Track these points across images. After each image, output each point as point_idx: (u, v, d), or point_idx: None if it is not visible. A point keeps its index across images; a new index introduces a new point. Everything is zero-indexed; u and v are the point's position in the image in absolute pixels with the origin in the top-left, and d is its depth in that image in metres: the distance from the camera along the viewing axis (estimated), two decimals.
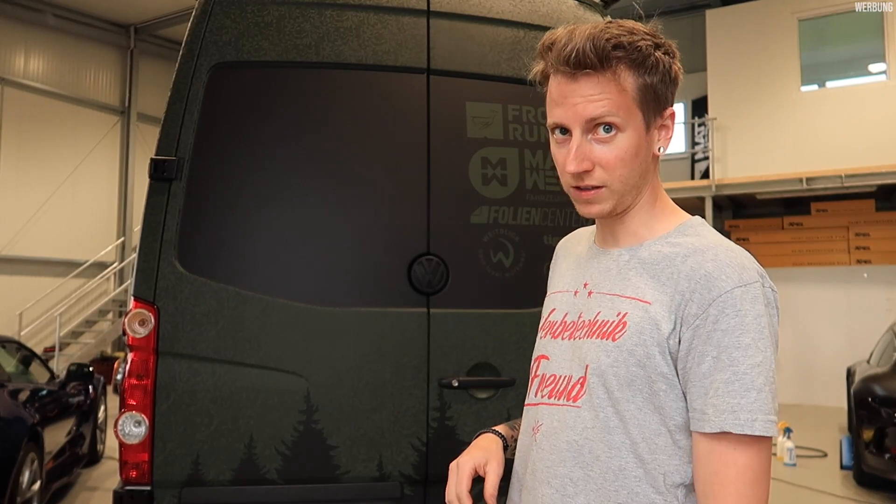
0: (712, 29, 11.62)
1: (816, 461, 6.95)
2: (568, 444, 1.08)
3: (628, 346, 1.04)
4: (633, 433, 1.03)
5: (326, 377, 2.22)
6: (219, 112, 2.26)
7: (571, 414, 1.08)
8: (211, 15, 2.29)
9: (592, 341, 1.08)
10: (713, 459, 0.97)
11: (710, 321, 0.99)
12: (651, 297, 1.05)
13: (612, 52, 1.01)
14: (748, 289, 0.99)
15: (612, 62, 1.01)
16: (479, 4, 2.49)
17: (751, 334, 0.97)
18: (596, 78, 1.02)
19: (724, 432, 0.96)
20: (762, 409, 0.96)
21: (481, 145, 2.39)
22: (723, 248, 1.04)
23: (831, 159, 10.22)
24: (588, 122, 1.03)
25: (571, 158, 1.03)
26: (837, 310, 10.77)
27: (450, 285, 2.32)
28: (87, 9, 13.75)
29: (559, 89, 1.05)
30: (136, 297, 2.16)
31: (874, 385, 5.89)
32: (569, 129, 1.04)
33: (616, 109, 1.02)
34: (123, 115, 14.84)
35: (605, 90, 1.02)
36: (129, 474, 2.13)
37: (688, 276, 1.02)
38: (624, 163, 1.04)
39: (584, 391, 1.08)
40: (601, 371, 1.06)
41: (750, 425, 0.95)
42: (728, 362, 0.97)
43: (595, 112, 1.02)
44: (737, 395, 0.96)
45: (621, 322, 1.05)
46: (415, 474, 2.26)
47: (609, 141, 1.03)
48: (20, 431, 4.41)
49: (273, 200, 2.26)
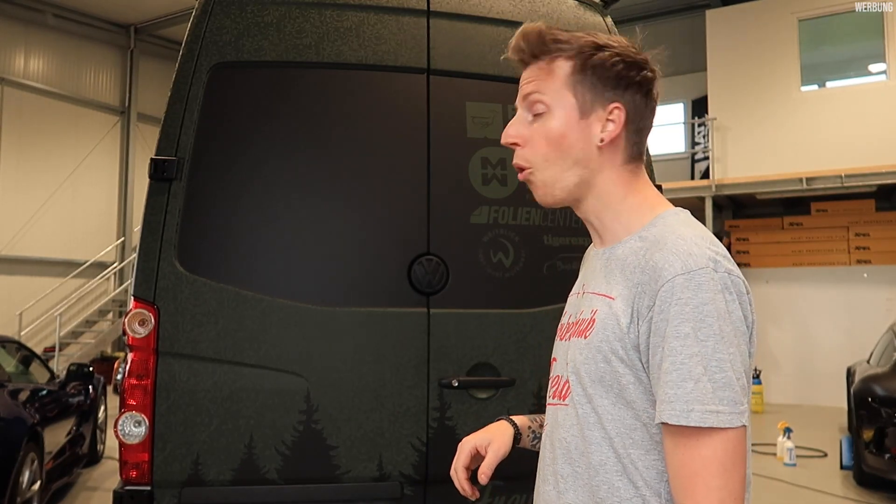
0: (712, 29, 11.62)
1: (816, 461, 6.95)
2: (559, 442, 1.12)
3: (595, 342, 1.06)
4: (608, 428, 1.05)
5: (326, 377, 2.22)
6: (219, 112, 2.26)
7: (562, 412, 1.13)
8: (211, 15, 2.29)
9: (573, 340, 1.12)
10: (678, 452, 0.97)
11: (657, 311, 0.98)
12: (616, 292, 1.06)
13: (548, 46, 1.11)
14: (691, 276, 0.97)
15: (549, 53, 1.11)
16: (479, 4, 2.49)
17: (690, 323, 0.95)
18: (534, 64, 1.13)
19: (678, 425, 0.95)
20: (699, 399, 0.94)
21: (481, 145, 2.39)
22: (674, 237, 1.03)
23: (831, 159, 10.22)
24: (523, 100, 1.13)
25: (504, 130, 1.14)
26: (837, 310, 10.77)
27: (450, 285, 2.32)
28: (87, 9, 13.75)
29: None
30: (136, 297, 2.16)
31: (874, 385, 5.89)
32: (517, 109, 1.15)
33: (543, 89, 1.10)
34: (123, 115, 14.84)
35: (538, 75, 1.12)
36: (129, 474, 2.13)
37: (642, 269, 1.03)
38: (548, 142, 1.10)
39: (570, 390, 1.11)
40: (576, 369, 1.09)
41: (685, 416, 0.94)
42: (668, 352, 0.96)
43: (526, 90, 1.12)
44: (673, 386, 0.95)
45: (592, 319, 1.08)
46: (415, 474, 2.26)
47: (537, 119, 1.12)
48: (20, 431, 4.41)
49: (273, 200, 2.26)
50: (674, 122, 13.14)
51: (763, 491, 5.92)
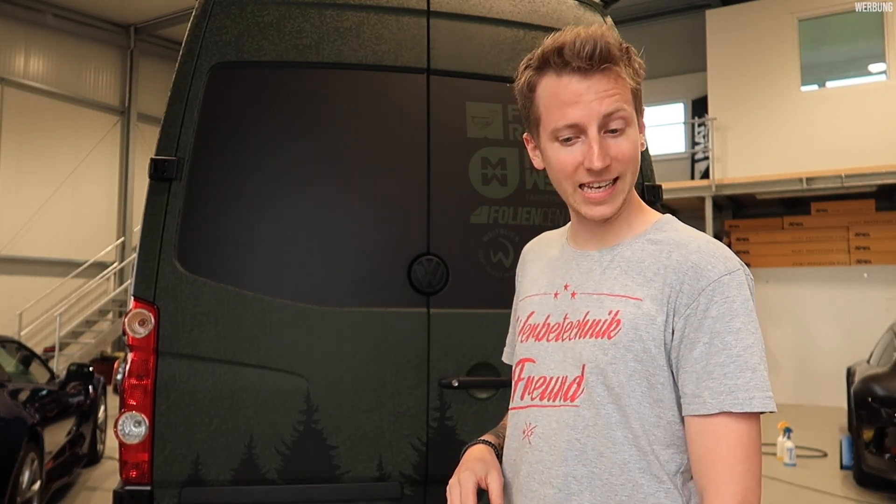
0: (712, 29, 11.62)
1: (816, 461, 6.95)
2: (569, 444, 1.10)
3: (625, 342, 1.06)
4: (634, 427, 1.06)
5: (326, 377, 2.22)
6: (219, 112, 2.26)
7: (570, 413, 1.10)
8: (211, 15, 2.29)
9: (587, 341, 1.10)
10: (705, 438, 1.01)
11: (701, 309, 1.03)
12: (641, 293, 1.08)
13: (616, 52, 1.06)
14: (734, 276, 1.04)
15: (618, 61, 1.06)
16: (479, 4, 2.49)
17: (740, 318, 1.02)
18: (608, 74, 1.05)
19: (721, 412, 1.00)
20: (758, 386, 1.00)
21: (481, 145, 2.39)
22: (704, 241, 1.09)
23: (831, 159, 10.22)
24: (605, 118, 1.05)
25: (598, 155, 1.04)
26: (837, 310, 10.77)
27: (450, 285, 2.32)
28: (87, 9, 13.74)
29: (570, 90, 1.05)
30: (136, 297, 2.16)
31: (874, 385, 5.88)
32: (584, 128, 1.05)
33: (626, 104, 1.06)
34: (123, 115, 14.83)
35: (616, 85, 1.06)
36: (129, 474, 2.13)
37: (675, 269, 1.07)
38: (633, 155, 1.08)
39: (581, 390, 1.09)
40: (600, 369, 1.08)
41: (749, 403, 1.00)
42: (721, 346, 1.02)
43: (612, 106, 1.04)
44: (733, 377, 1.00)
45: (615, 320, 1.08)
46: (415, 474, 2.26)
47: (621, 135, 1.07)
48: (20, 431, 4.40)
49: (273, 200, 2.26)
50: (674, 122, 13.14)
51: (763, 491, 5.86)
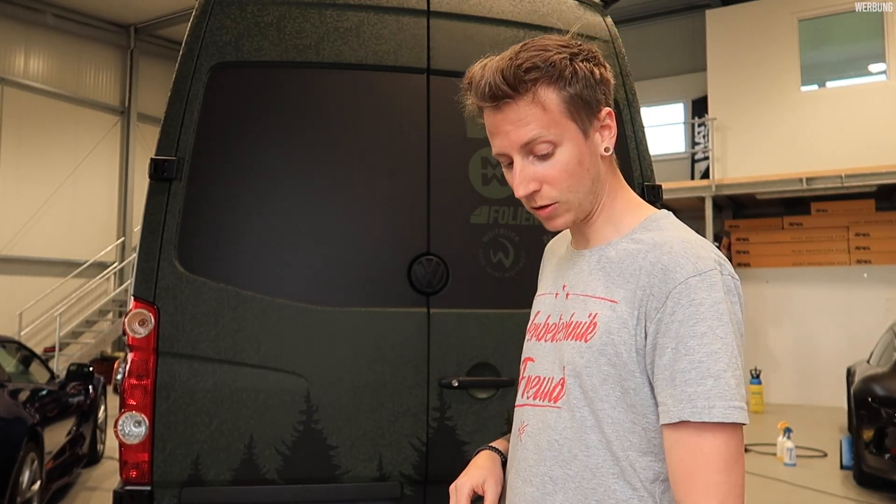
0: (712, 29, 11.62)
1: (816, 461, 6.95)
2: (549, 444, 1.10)
3: (598, 346, 1.05)
4: (607, 432, 1.05)
5: (326, 377, 2.22)
6: (219, 112, 2.26)
7: (552, 414, 1.10)
8: (211, 15, 2.29)
9: (568, 343, 1.10)
10: (679, 449, 0.97)
11: (668, 313, 0.99)
12: (618, 295, 1.06)
13: (525, 77, 1.02)
14: (703, 277, 0.99)
15: (527, 85, 1.03)
16: (479, 4, 2.49)
17: (706, 322, 0.97)
18: (516, 104, 1.04)
19: (684, 421, 0.96)
20: (721, 395, 0.95)
21: (481, 145, 2.39)
22: (678, 241, 1.04)
23: (831, 159, 10.22)
24: (523, 147, 1.05)
25: (518, 183, 1.07)
26: (837, 310, 10.77)
27: (450, 285, 2.32)
28: (87, 9, 13.75)
29: (490, 121, 1.08)
30: (136, 297, 2.16)
31: (874, 385, 5.88)
32: (510, 157, 1.07)
33: (545, 129, 1.04)
34: (123, 115, 14.84)
35: (529, 113, 1.04)
36: (129, 474, 2.13)
37: (647, 272, 1.03)
38: (569, 174, 1.06)
39: (563, 392, 1.09)
40: (577, 372, 1.07)
41: (707, 412, 0.95)
42: (684, 352, 0.97)
43: (526, 136, 1.04)
44: (693, 384, 0.96)
45: (592, 323, 1.07)
46: (415, 474, 2.26)
47: (548, 158, 1.06)
48: (20, 431, 4.40)
49: (273, 200, 2.26)
50: (674, 122, 13.14)
51: (763, 491, 5.92)
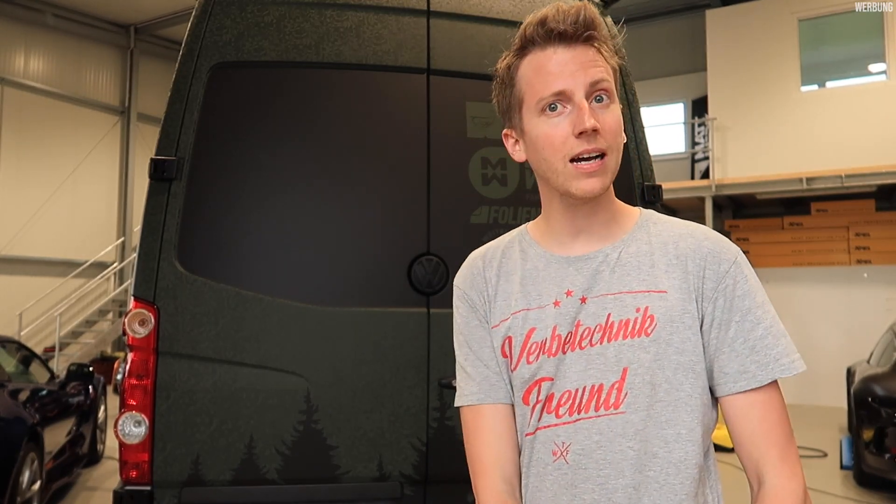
0: (712, 29, 11.62)
1: (816, 461, 6.95)
2: (622, 453, 1.04)
3: (664, 336, 1.04)
4: (686, 421, 1.05)
5: (326, 377, 2.22)
6: (219, 112, 2.26)
7: (617, 421, 1.04)
8: (211, 15, 2.29)
9: (622, 342, 1.04)
10: (756, 410, 1.05)
11: (728, 290, 1.07)
12: (665, 284, 1.07)
13: (599, 23, 1.05)
14: (743, 256, 1.11)
15: (600, 35, 1.06)
16: (479, 4, 2.49)
17: (760, 293, 1.08)
18: (590, 47, 1.04)
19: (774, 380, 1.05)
20: (794, 349, 1.07)
21: (481, 145, 2.39)
22: (702, 229, 1.14)
23: (831, 159, 10.22)
24: (591, 86, 1.03)
25: (588, 116, 1.00)
26: (837, 310, 10.76)
27: (450, 285, 2.31)
28: (87, 9, 13.74)
29: (555, 60, 1.04)
30: (136, 297, 2.16)
31: (874, 385, 5.88)
32: (570, 96, 1.03)
33: (609, 76, 1.06)
34: (123, 115, 14.83)
35: (600, 58, 1.05)
36: (129, 474, 2.13)
37: (692, 257, 1.09)
38: (619, 129, 1.05)
39: (624, 394, 1.04)
40: (645, 368, 1.04)
41: (793, 366, 1.05)
42: (755, 321, 1.06)
43: (597, 75, 1.03)
44: (773, 347, 1.05)
45: (647, 317, 1.04)
46: (415, 474, 2.26)
47: (607, 107, 1.05)
48: (20, 431, 4.40)
49: (273, 200, 2.26)
50: (674, 122, 13.14)
51: None
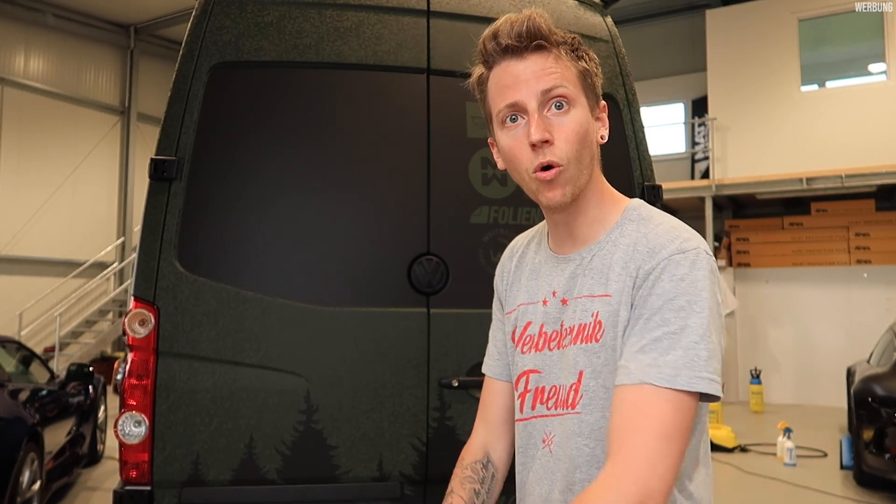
0: (712, 29, 11.62)
1: (816, 461, 6.95)
2: (578, 450, 1.09)
3: (608, 342, 1.06)
4: None
5: (326, 377, 2.22)
6: (219, 112, 2.26)
7: (574, 421, 1.09)
8: (211, 15, 2.29)
9: (579, 347, 1.09)
10: (624, 407, 0.97)
11: (648, 286, 1.01)
12: (612, 288, 1.07)
13: (554, 35, 1.06)
14: (687, 255, 1.01)
15: (556, 41, 1.06)
16: (479, 4, 2.49)
17: (685, 297, 0.98)
18: (544, 55, 1.05)
19: (644, 383, 0.96)
20: (688, 365, 0.96)
21: (481, 145, 2.39)
22: (665, 224, 1.07)
23: (831, 159, 10.23)
24: (543, 95, 1.04)
25: (534, 129, 1.03)
26: (837, 310, 10.77)
27: (450, 285, 2.31)
28: (87, 9, 13.75)
29: (509, 73, 1.06)
30: (136, 297, 2.16)
31: (874, 385, 5.89)
32: (524, 107, 1.05)
33: (567, 82, 1.05)
34: (123, 115, 14.84)
35: (554, 65, 1.05)
36: (129, 474, 2.13)
37: (633, 257, 1.05)
38: (579, 137, 1.05)
39: (580, 396, 1.08)
40: (597, 372, 1.07)
41: (671, 380, 0.95)
42: (659, 322, 0.98)
43: (549, 83, 1.04)
44: (663, 352, 0.97)
45: (597, 322, 1.07)
46: (415, 474, 2.26)
47: (566, 113, 1.05)
48: (20, 431, 4.40)
49: (273, 200, 2.26)
50: (674, 122, 13.14)
51: (763, 491, 5.92)
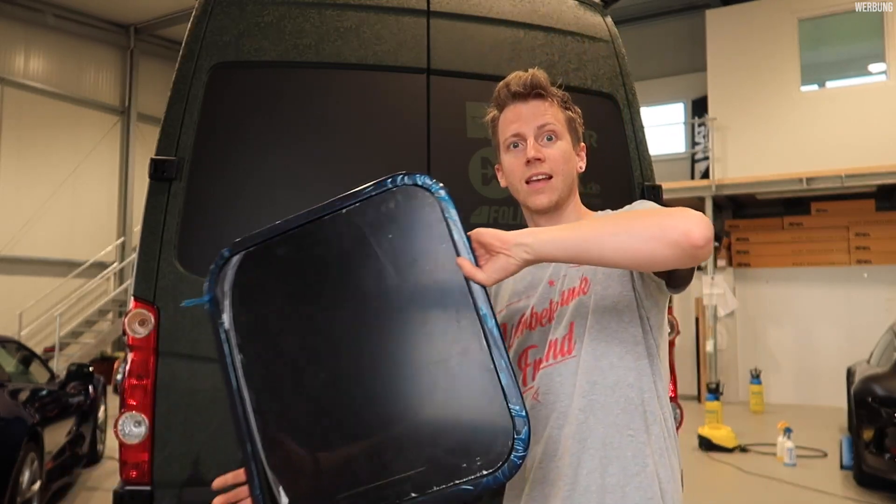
0: (712, 29, 11.62)
1: (816, 461, 6.95)
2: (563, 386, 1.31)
3: (599, 291, 1.31)
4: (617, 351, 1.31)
5: None
6: (219, 112, 2.26)
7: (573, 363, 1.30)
8: (211, 15, 2.29)
9: (569, 306, 1.33)
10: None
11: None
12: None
13: (551, 89, 1.43)
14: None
15: (551, 93, 1.42)
16: (479, 4, 2.49)
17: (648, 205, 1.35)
18: (542, 101, 1.41)
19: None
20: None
21: (481, 145, 2.39)
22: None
23: (831, 159, 10.22)
24: (539, 128, 1.39)
25: (531, 149, 1.38)
26: (837, 310, 10.77)
27: None
28: (87, 9, 13.75)
29: (514, 111, 1.41)
30: (136, 297, 2.16)
31: (874, 385, 5.88)
32: (524, 136, 1.39)
33: (556, 122, 1.41)
34: (123, 115, 14.83)
35: (548, 110, 1.41)
36: (129, 474, 2.13)
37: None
38: (564, 161, 1.40)
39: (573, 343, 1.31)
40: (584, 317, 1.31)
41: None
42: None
43: (543, 120, 1.39)
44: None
45: (583, 280, 1.33)
46: None
47: (553, 144, 1.40)
48: (20, 431, 4.40)
49: (273, 200, 2.26)
50: (674, 122, 13.14)
51: (763, 491, 5.92)
